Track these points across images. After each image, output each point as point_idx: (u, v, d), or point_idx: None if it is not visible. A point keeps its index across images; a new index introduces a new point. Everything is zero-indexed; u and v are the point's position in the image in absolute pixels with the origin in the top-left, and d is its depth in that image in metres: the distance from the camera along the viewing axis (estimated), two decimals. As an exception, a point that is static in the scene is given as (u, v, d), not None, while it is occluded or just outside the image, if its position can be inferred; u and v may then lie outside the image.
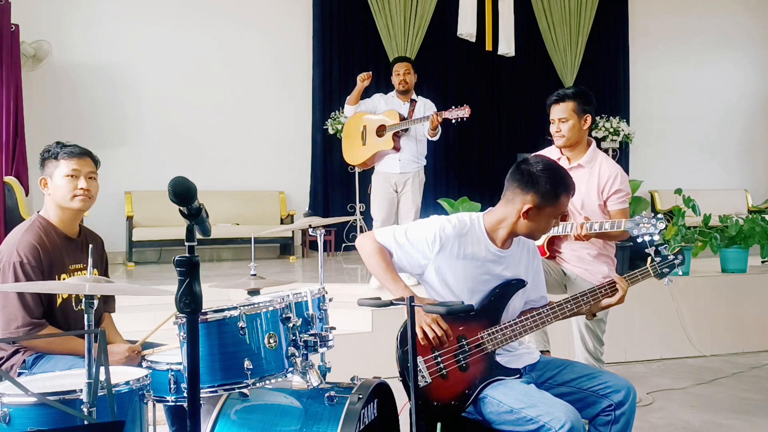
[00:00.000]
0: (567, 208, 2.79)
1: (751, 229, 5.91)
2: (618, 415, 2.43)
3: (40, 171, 2.80)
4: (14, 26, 6.93)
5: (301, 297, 2.50)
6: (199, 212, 1.85)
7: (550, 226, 2.51)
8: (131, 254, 7.54)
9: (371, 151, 5.32)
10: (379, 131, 5.28)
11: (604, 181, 3.40)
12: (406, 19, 8.91)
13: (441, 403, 2.45)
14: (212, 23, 8.40)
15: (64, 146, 2.76)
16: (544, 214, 2.44)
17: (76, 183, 2.73)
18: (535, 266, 2.67)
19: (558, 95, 3.46)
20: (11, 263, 2.59)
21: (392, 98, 5.42)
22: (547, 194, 2.41)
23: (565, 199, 2.46)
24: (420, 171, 5.42)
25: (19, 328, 2.56)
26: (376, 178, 5.48)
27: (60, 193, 2.73)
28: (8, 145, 6.78)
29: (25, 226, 2.73)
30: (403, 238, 2.53)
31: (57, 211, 2.77)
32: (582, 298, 2.61)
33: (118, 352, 2.69)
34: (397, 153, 5.25)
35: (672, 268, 2.77)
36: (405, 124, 5.16)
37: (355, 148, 5.44)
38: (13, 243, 2.65)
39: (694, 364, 5.40)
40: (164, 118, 8.18)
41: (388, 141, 5.21)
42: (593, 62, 10.07)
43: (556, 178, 2.43)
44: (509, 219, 2.48)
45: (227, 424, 2.44)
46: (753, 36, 11.03)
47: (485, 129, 9.66)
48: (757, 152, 11.08)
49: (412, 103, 5.34)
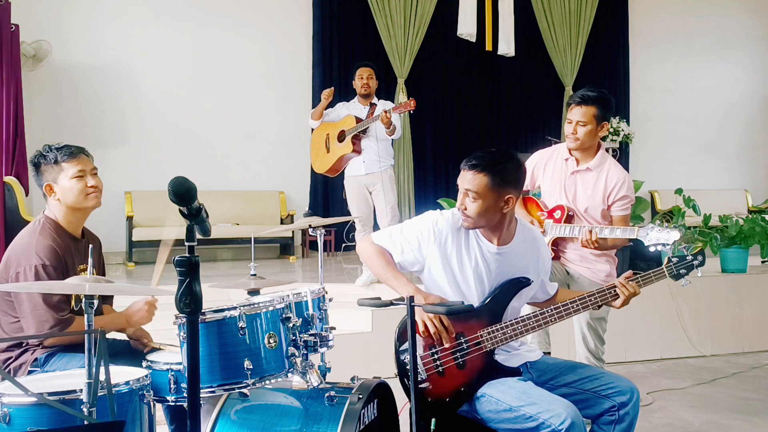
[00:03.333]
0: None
1: (751, 229, 5.91)
2: (622, 415, 2.42)
3: (37, 178, 2.78)
4: (14, 26, 6.92)
5: (301, 297, 2.50)
6: (199, 212, 1.85)
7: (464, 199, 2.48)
8: (131, 254, 7.54)
9: (334, 156, 5.46)
10: (339, 137, 5.41)
11: (612, 186, 3.37)
12: (406, 19, 8.91)
13: (435, 399, 2.45)
14: (212, 23, 8.40)
15: (58, 149, 2.75)
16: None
17: (85, 182, 2.75)
18: (542, 257, 2.65)
19: (581, 97, 3.36)
20: (32, 266, 2.59)
21: (354, 104, 5.57)
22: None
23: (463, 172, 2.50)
24: (387, 169, 5.49)
25: (53, 327, 2.57)
26: (347, 182, 5.61)
27: (71, 195, 2.74)
28: (8, 145, 6.77)
29: (36, 228, 2.72)
30: (399, 236, 2.55)
31: (66, 213, 2.77)
32: (589, 299, 2.59)
33: (139, 309, 2.75)
34: (359, 155, 5.36)
35: (690, 269, 2.67)
36: (360, 125, 5.28)
37: (321, 156, 5.61)
38: (30, 246, 2.64)
39: (694, 364, 5.40)
40: (164, 118, 8.18)
41: (348, 145, 5.33)
42: (593, 62, 10.07)
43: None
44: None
45: (227, 424, 2.44)
46: (753, 36, 11.03)
47: (485, 129, 9.66)
48: (757, 152, 11.08)
49: (371, 106, 5.44)
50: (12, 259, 2.66)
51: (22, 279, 2.59)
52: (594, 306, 2.60)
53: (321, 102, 5.55)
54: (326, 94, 5.53)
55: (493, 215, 2.45)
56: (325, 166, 5.61)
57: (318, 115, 5.59)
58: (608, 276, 3.43)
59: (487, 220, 2.46)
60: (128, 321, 2.75)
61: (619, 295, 2.60)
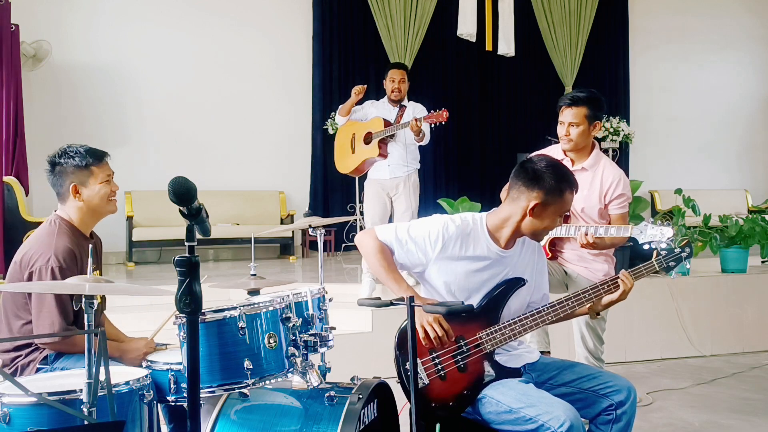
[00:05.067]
0: (571, 207, 2.77)
1: (751, 229, 5.91)
2: (619, 414, 2.43)
3: (54, 177, 2.78)
4: (14, 26, 6.92)
5: (301, 297, 2.50)
6: (199, 212, 1.85)
7: (555, 224, 2.51)
8: (131, 254, 7.54)
9: (359, 158, 5.31)
10: (366, 138, 5.26)
11: (607, 185, 3.39)
12: (406, 19, 8.91)
13: (439, 404, 2.45)
14: (212, 23, 8.40)
15: (87, 152, 2.77)
16: (549, 211, 2.44)
17: (110, 187, 2.81)
18: (539, 267, 2.66)
19: (572, 98, 3.41)
20: (49, 267, 2.59)
21: (383, 104, 5.37)
22: (552, 190, 2.42)
23: (569, 195, 2.46)
24: (412, 174, 5.33)
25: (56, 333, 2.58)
26: (368, 185, 5.42)
27: (98, 199, 2.78)
28: (8, 145, 6.77)
29: (53, 229, 2.72)
30: (405, 235, 2.52)
31: (84, 214, 2.79)
32: (583, 294, 2.59)
33: (137, 349, 2.72)
34: (384, 159, 5.21)
35: (679, 262, 2.71)
36: (388, 130, 5.12)
37: (346, 157, 5.44)
38: (48, 246, 2.64)
39: (694, 364, 5.40)
40: (164, 118, 8.18)
41: (374, 148, 5.18)
42: (593, 62, 10.07)
43: (559, 175, 2.44)
44: (514, 218, 2.48)
45: (227, 424, 2.44)
46: (753, 36, 11.03)
47: (485, 129, 9.66)
48: (757, 152, 11.08)
49: (401, 108, 5.28)
50: (28, 258, 2.65)
51: (36, 278, 2.60)
52: (588, 304, 2.60)
53: (351, 98, 5.32)
54: (357, 90, 5.29)
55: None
56: (348, 167, 5.44)
57: (346, 111, 5.36)
58: (606, 275, 3.43)
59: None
60: (122, 356, 2.73)
61: (617, 287, 2.59)
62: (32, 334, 2.62)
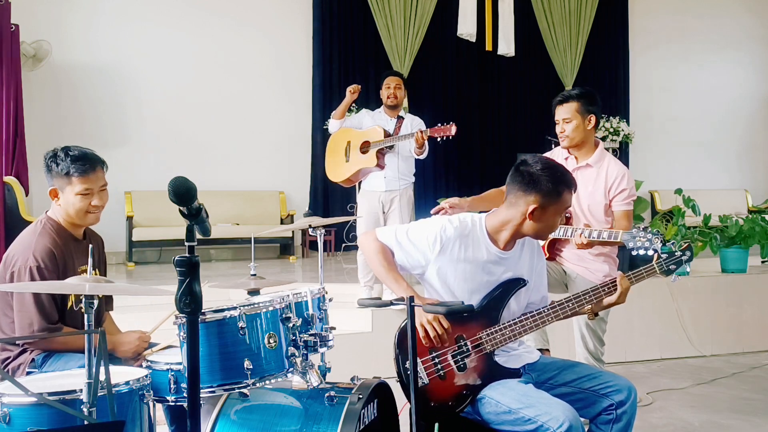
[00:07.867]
0: (571, 205, 2.76)
1: (751, 229, 5.91)
2: (620, 414, 2.43)
3: (47, 176, 2.75)
4: (14, 26, 6.93)
5: (301, 297, 2.50)
6: (199, 212, 1.84)
7: (557, 223, 2.51)
8: (131, 254, 7.54)
9: (354, 167, 5.06)
10: (363, 147, 5.02)
11: (612, 180, 3.40)
12: (406, 19, 8.91)
13: (438, 403, 2.45)
14: (212, 23, 8.41)
15: (74, 160, 2.67)
16: (549, 212, 2.44)
17: (89, 201, 2.72)
18: (539, 268, 2.66)
19: (562, 96, 3.47)
20: (27, 267, 2.58)
21: (379, 114, 5.19)
22: (550, 192, 2.41)
23: (568, 195, 2.46)
24: (408, 188, 5.17)
25: (36, 332, 2.57)
26: (361, 197, 5.26)
27: (72, 209, 2.72)
28: (8, 145, 6.78)
29: (36, 229, 2.72)
30: (405, 237, 2.53)
31: (67, 218, 2.77)
32: (584, 296, 2.59)
33: (129, 341, 2.72)
34: (381, 170, 5.02)
35: (679, 265, 2.70)
36: (389, 141, 4.91)
37: (339, 165, 5.18)
38: (28, 246, 2.64)
39: (694, 364, 5.40)
40: (164, 118, 8.18)
41: (372, 158, 4.95)
42: (593, 62, 10.07)
43: (556, 176, 2.43)
44: (513, 221, 2.47)
45: (227, 424, 2.44)
46: (753, 36, 11.03)
47: (485, 129, 9.66)
48: (757, 152, 11.08)
49: (399, 119, 5.12)
50: (10, 258, 2.66)
51: (17, 279, 2.60)
52: (588, 305, 2.60)
53: (346, 97, 5.10)
54: (353, 88, 5.08)
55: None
56: (342, 175, 5.16)
57: (341, 114, 5.13)
58: (606, 276, 3.42)
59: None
60: (114, 349, 2.72)
61: (615, 290, 2.58)
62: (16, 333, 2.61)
